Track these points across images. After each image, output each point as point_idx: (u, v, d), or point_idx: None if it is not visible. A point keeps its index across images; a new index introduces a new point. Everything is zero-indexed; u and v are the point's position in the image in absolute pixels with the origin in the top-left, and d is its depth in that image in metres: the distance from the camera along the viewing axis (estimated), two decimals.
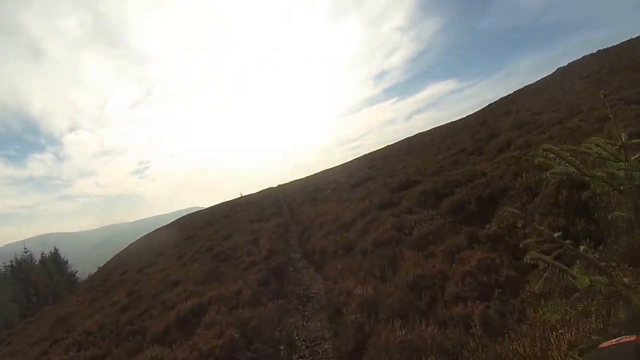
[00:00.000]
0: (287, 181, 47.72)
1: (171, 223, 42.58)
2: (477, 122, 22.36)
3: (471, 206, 7.57)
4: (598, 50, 31.44)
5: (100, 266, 31.75)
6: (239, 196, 46.06)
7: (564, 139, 9.12)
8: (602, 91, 2.19)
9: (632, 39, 29.84)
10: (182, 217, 46.23)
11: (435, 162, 14.24)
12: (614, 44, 30.66)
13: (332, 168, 44.16)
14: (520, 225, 5.63)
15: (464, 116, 32.85)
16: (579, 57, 31.35)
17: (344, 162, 48.01)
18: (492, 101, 32.74)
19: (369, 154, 40.97)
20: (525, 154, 9.42)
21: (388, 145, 39.23)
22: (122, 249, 38.42)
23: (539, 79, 32.36)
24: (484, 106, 32.84)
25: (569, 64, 31.58)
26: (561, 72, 29.99)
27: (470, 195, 7.91)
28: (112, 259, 33.24)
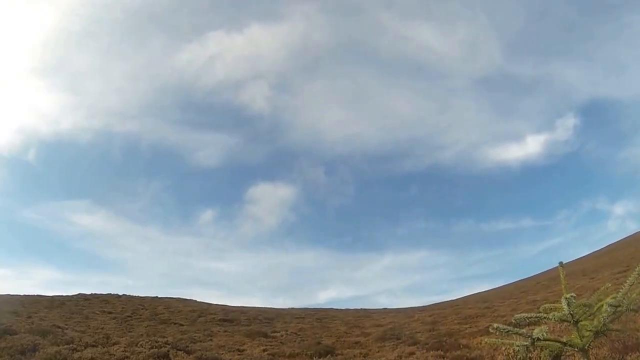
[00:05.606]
0: None
1: None
2: None
3: None
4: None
5: None
6: None
7: None
8: None
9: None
10: None
11: None
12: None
13: None
14: None
15: None
16: (104, 293, 33.92)
17: None
18: None
19: None
20: None
21: None
22: None
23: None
24: None
25: (92, 293, 33.34)
26: (82, 298, 30.67)
27: None
28: None
